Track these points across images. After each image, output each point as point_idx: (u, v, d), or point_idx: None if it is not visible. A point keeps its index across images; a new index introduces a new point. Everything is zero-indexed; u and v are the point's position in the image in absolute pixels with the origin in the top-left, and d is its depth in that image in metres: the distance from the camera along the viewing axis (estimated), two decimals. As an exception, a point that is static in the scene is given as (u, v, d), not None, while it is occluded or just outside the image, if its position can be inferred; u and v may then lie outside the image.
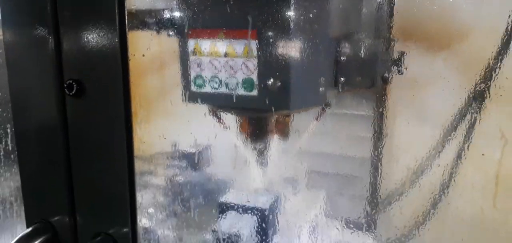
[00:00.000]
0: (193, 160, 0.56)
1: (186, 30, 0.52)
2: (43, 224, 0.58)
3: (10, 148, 0.60)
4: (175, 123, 0.53)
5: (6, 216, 0.64)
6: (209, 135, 0.54)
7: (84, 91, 0.50)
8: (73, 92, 0.50)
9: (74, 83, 0.50)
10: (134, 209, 0.53)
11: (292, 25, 0.48)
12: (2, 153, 0.61)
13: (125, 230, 0.53)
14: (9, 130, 0.59)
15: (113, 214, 0.53)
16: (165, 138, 0.51)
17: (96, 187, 0.53)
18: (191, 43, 0.52)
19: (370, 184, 0.47)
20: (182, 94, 0.52)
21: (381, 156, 0.46)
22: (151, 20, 0.55)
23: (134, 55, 0.49)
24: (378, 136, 0.46)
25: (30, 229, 0.58)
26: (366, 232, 0.47)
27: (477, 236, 0.41)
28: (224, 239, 0.56)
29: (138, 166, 0.50)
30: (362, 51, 0.50)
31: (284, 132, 0.57)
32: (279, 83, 0.50)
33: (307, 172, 0.52)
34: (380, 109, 0.46)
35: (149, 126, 0.51)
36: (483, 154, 0.40)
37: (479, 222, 0.40)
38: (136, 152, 0.51)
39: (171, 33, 0.54)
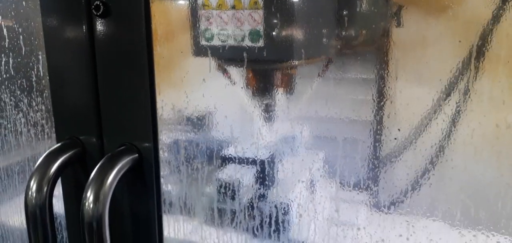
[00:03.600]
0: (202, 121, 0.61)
1: None
2: (72, 140, 0.64)
3: (41, 74, 0.66)
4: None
5: (37, 138, 0.71)
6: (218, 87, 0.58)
7: (110, 12, 0.55)
8: (100, 12, 0.55)
9: (100, 4, 0.55)
10: (156, 122, 0.58)
11: None
12: (34, 79, 0.67)
13: (148, 142, 0.59)
14: (40, 57, 0.65)
15: (136, 127, 0.59)
16: (181, 52, 0.56)
17: (121, 103, 0.59)
18: None
19: (368, 148, 0.51)
20: (191, 48, 0.57)
21: (382, 118, 0.50)
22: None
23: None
24: (379, 98, 0.50)
25: (59, 144, 0.65)
26: (366, 191, 0.52)
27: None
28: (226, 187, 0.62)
29: (159, 79, 0.56)
30: (363, 6, 0.53)
31: (289, 85, 0.61)
32: (284, 34, 0.53)
33: (310, 130, 0.55)
34: (382, 71, 0.49)
35: (168, 42, 0.56)
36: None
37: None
38: (156, 67, 0.56)
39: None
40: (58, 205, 0.71)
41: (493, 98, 0.42)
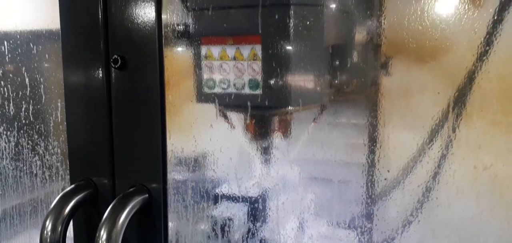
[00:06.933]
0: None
1: (199, 39, 0.61)
2: (85, 181, 0.69)
3: (59, 120, 0.71)
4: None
5: (52, 180, 0.75)
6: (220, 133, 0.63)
7: (127, 65, 0.62)
8: (117, 65, 0.61)
9: (118, 58, 0.61)
10: (165, 164, 0.63)
11: (291, 32, 0.56)
12: (52, 124, 0.72)
13: (157, 183, 0.63)
14: (59, 104, 0.71)
15: (147, 170, 0.64)
16: (191, 101, 0.62)
17: (133, 146, 0.64)
18: (204, 49, 0.61)
19: (361, 188, 0.55)
20: (194, 95, 0.62)
21: (373, 162, 0.54)
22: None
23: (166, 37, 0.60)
24: (370, 143, 0.54)
25: (73, 185, 0.69)
26: (360, 228, 0.55)
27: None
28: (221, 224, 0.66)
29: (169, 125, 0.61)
30: (354, 58, 0.57)
31: (286, 131, 0.66)
32: (281, 83, 0.58)
33: (307, 170, 0.59)
34: (372, 118, 0.53)
35: (179, 91, 0.61)
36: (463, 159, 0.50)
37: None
38: (168, 114, 0.61)
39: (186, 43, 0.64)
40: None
41: (470, 143, 0.47)
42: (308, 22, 0.57)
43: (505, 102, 0.46)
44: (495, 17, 0.45)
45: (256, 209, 0.64)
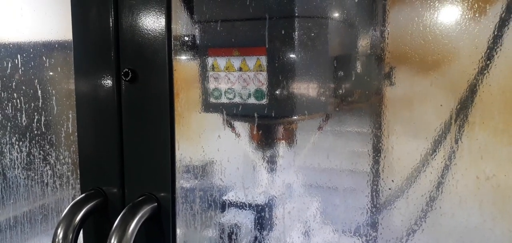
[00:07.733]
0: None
1: (206, 50, 0.63)
2: (96, 191, 0.70)
3: (70, 130, 0.73)
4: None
5: (63, 189, 0.76)
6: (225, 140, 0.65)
7: (137, 77, 0.63)
8: (128, 78, 0.63)
9: (129, 71, 0.63)
10: (174, 173, 0.64)
11: (296, 43, 0.58)
12: (63, 135, 0.74)
13: (166, 192, 0.65)
14: (70, 115, 0.72)
15: (156, 179, 0.65)
16: (200, 112, 0.63)
17: (143, 157, 0.65)
18: (210, 61, 0.63)
19: (366, 197, 0.56)
20: (201, 105, 0.64)
21: (377, 172, 0.55)
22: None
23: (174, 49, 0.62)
24: (375, 152, 0.55)
25: (84, 195, 0.70)
26: (360, 238, 0.57)
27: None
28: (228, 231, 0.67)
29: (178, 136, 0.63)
30: (358, 68, 0.58)
31: (290, 139, 0.68)
32: (286, 93, 0.60)
33: (312, 178, 0.60)
34: (376, 128, 0.55)
35: (188, 104, 0.63)
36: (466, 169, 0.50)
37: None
38: (177, 125, 0.63)
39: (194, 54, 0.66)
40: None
41: (472, 154, 0.49)
42: (313, 34, 0.59)
43: (506, 115, 0.47)
44: (495, 33, 0.46)
45: (262, 217, 0.66)
